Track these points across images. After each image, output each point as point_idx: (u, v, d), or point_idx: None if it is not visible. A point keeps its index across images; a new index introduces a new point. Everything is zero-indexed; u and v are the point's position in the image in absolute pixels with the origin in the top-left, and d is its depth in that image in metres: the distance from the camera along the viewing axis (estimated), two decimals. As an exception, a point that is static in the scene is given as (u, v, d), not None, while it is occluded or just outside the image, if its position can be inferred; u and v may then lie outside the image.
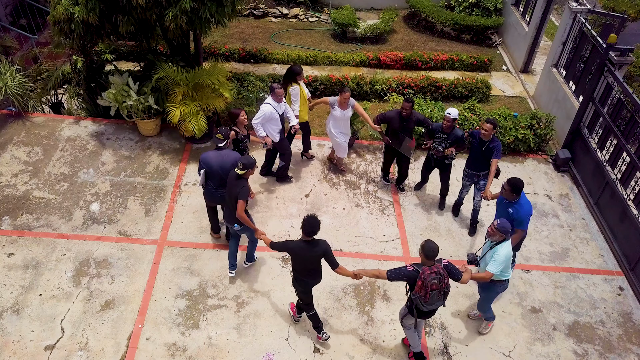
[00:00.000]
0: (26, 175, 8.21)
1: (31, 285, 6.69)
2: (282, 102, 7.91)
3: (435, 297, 5.43)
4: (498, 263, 5.79)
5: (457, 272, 5.63)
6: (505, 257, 5.80)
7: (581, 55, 9.54)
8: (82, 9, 7.48)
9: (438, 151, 7.69)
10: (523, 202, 6.37)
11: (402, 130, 7.91)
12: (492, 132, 7.12)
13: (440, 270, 5.38)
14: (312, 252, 5.70)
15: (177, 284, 6.88)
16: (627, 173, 7.87)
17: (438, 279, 5.34)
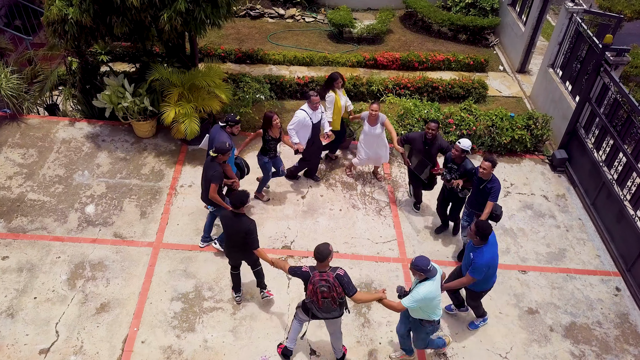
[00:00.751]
0: (21, 178, 8.17)
1: (26, 289, 6.65)
2: (318, 110, 7.87)
3: (328, 306, 5.36)
4: (413, 299, 5.35)
5: (351, 287, 5.33)
6: (423, 295, 5.30)
7: (577, 55, 9.54)
8: (76, 10, 7.44)
9: (445, 179, 7.18)
10: (485, 251, 5.76)
11: (425, 155, 7.49)
12: (491, 171, 6.59)
13: (331, 279, 5.22)
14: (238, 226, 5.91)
15: (173, 287, 6.85)
16: (624, 173, 7.87)
17: (327, 287, 5.22)
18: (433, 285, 5.34)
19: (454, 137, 9.30)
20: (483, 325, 6.78)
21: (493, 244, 5.87)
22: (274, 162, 7.89)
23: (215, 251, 7.32)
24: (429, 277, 5.34)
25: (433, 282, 5.35)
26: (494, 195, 6.68)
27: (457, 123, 9.36)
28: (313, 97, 7.74)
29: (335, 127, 8.41)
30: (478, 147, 9.57)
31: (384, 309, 6.76)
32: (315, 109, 7.84)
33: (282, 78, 10.61)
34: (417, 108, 9.32)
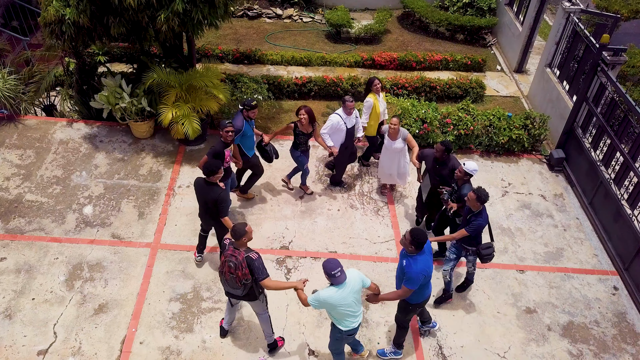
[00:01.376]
0: (18, 179, 8.16)
1: (24, 290, 6.64)
2: (352, 115, 7.80)
3: (233, 282, 5.41)
4: (314, 298, 5.24)
5: (260, 272, 5.36)
6: (323, 299, 5.16)
7: (575, 55, 9.56)
8: (73, 11, 7.43)
9: (443, 199, 6.87)
10: (419, 260, 5.46)
11: (435, 173, 7.13)
12: (478, 205, 6.10)
13: (240, 257, 5.30)
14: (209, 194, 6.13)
15: (171, 287, 6.85)
16: (621, 173, 7.89)
17: (234, 264, 5.30)
18: (337, 293, 5.13)
19: (452, 136, 9.32)
20: (393, 358, 6.33)
21: (428, 253, 5.57)
22: (306, 155, 8.01)
23: (213, 252, 7.32)
24: (334, 283, 5.14)
25: (338, 289, 5.13)
26: (473, 228, 6.19)
27: (454, 123, 9.37)
28: (348, 102, 7.65)
29: (370, 133, 8.33)
30: (476, 147, 9.59)
31: (382, 309, 6.80)
32: (350, 114, 7.75)
33: (280, 78, 10.61)
34: (414, 108, 9.32)
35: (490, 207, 8.48)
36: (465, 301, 7.08)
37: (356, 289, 5.30)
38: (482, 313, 6.97)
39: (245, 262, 5.33)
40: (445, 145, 6.90)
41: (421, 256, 5.49)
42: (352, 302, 5.27)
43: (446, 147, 6.90)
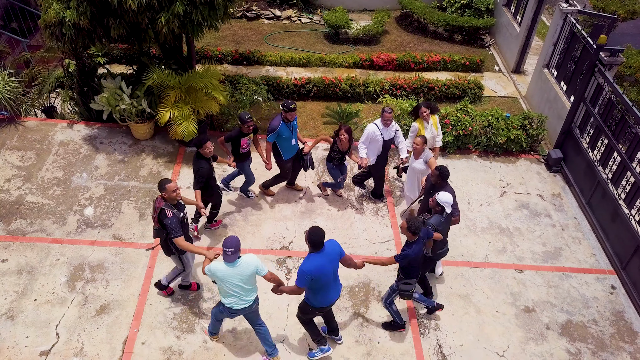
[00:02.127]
0: (19, 180, 8.18)
1: (25, 291, 6.68)
2: (390, 126, 7.67)
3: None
4: (207, 267, 5.55)
5: (171, 231, 5.81)
6: (212, 268, 5.48)
7: (572, 55, 9.62)
8: (74, 13, 7.46)
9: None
10: (311, 259, 5.47)
11: (428, 198, 6.76)
12: (410, 235, 5.87)
13: (156, 205, 5.87)
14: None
15: (173, 288, 6.88)
16: (618, 173, 7.95)
17: (152, 208, 5.99)
18: (225, 269, 5.42)
19: (451, 137, 9.38)
20: (322, 356, 6.26)
21: (324, 256, 5.48)
22: (340, 168, 8.04)
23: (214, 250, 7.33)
24: (224, 259, 5.41)
25: (227, 266, 5.41)
26: (399, 257, 5.99)
27: (453, 124, 9.42)
28: (386, 112, 7.52)
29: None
30: (474, 147, 9.64)
31: (382, 308, 6.84)
32: (387, 125, 7.62)
33: (279, 79, 10.66)
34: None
35: (489, 207, 8.57)
36: (464, 301, 7.13)
37: (245, 273, 5.47)
38: (481, 312, 7.02)
39: (157, 212, 5.84)
40: (440, 171, 6.55)
41: (314, 255, 5.47)
42: (238, 283, 5.49)
43: (441, 172, 6.54)
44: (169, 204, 5.91)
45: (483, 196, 8.79)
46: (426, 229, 6.08)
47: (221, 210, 7.82)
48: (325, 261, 5.49)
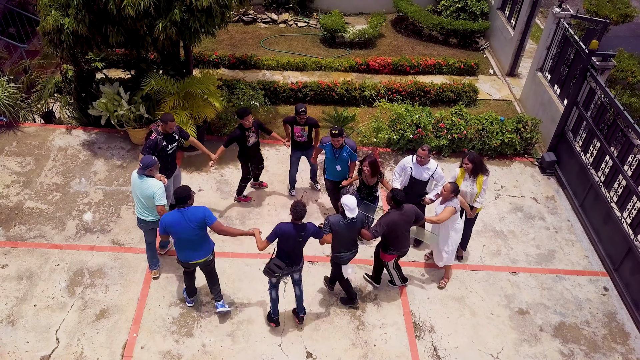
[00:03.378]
0: (18, 186, 8.25)
1: (25, 296, 6.75)
2: (424, 166, 7.08)
3: None
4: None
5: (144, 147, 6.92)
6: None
7: (565, 59, 9.74)
8: (72, 20, 7.54)
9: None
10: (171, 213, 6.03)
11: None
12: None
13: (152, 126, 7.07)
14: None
15: (171, 292, 6.97)
16: (610, 176, 8.07)
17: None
18: (134, 179, 6.53)
19: (445, 140, 9.49)
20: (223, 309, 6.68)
21: (183, 214, 5.91)
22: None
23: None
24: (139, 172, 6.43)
25: (136, 178, 6.47)
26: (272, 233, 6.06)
27: (448, 127, 9.53)
28: (420, 149, 7.02)
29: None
30: (469, 151, 9.75)
31: (378, 311, 6.94)
32: (420, 164, 7.06)
33: (276, 83, 10.75)
34: (408, 113, 9.48)
35: (483, 210, 8.67)
36: (459, 303, 7.23)
37: (145, 192, 6.40)
38: (475, 314, 7.12)
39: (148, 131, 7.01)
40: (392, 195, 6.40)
41: (175, 211, 6.01)
42: (139, 197, 6.48)
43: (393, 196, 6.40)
44: (159, 131, 6.97)
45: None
46: (313, 225, 6.12)
47: (220, 213, 7.90)
48: (182, 220, 5.93)
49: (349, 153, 7.43)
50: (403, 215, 6.45)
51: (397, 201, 6.38)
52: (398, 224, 6.45)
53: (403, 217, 6.45)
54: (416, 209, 6.59)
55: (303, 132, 7.92)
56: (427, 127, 9.42)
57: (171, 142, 7.19)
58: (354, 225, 6.33)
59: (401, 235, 6.58)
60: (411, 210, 6.52)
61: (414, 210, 6.54)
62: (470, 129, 9.53)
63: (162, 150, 7.09)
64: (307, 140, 8.05)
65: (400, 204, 6.41)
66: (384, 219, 6.44)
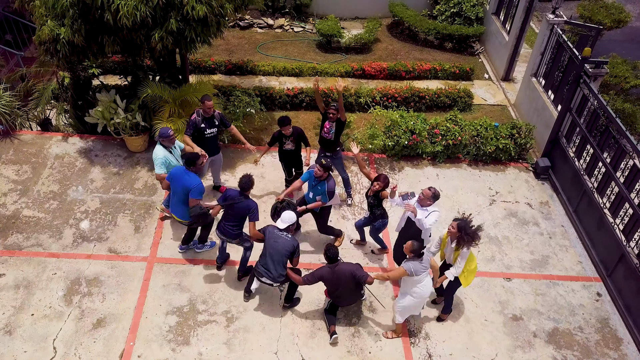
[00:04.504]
0: (15, 194, 8.29)
1: (23, 305, 6.79)
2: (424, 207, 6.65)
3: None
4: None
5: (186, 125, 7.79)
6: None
7: (559, 65, 9.81)
8: (68, 30, 7.56)
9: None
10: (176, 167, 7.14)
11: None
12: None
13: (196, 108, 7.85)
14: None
15: (168, 301, 7.02)
16: (603, 182, 8.14)
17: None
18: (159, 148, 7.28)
19: (440, 147, 9.55)
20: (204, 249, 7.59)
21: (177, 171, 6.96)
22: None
23: (209, 264, 7.50)
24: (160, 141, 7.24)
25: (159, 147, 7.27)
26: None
27: (443, 133, 9.60)
28: (427, 189, 6.71)
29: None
30: (464, 157, 9.82)
31: (373, 317, 7.00)
32: (422, 204, 6.66)
33: (272, 89, 10.80)
34: (403, 119, 9.54)
35: (478, 216, 8.73)
36: (454, 309, 7.28)
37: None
38: (470, 321, 7.19)
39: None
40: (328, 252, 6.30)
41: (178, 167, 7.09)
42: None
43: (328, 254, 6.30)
44: (200, 113, 7.60)
45: (472, 205, 8.95)
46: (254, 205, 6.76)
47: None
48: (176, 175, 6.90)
49: (323, 192, 7.17)
50: (335, 275, 6.23)
51: (329, 257, 6.21)
52: (328, 280, 6.30)
53: (335, 276, 6.23)
54: (353, 271, 6.28)
55: (331, 128, 7.98)
56: (422, 133, 9.49)
57: (210, 127, 7.81)
58: (283, 244, 6.38)
59: (339, 291, 6.42)
60: (346, 271, 6.24)
61: (350, 273, 6.25)
62: (464, 135, 9.60)
63: (200, 132, 7.76)
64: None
65: (333, 261, 6.21)
66: (317, 272, 6.36)
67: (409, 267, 6.14)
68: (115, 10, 7.21)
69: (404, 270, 6.17)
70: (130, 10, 7.16)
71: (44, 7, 7.73)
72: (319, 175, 7.05)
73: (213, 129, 7.85)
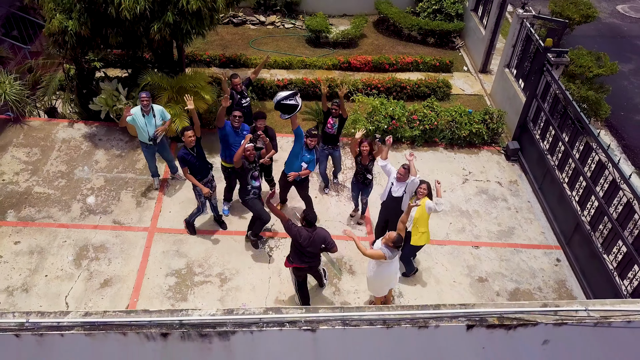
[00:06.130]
0: (27, 173, 9.05)
1: (37, 268, 7.56)
2: (404, 182, 7.41)
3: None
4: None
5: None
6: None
7: (528, 56, 10.63)
8: (75, 23, 8.34)
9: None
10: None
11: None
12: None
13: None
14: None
15: (167, 265, 7.79)
16: (562, 160, 8.95)
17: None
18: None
19: (418, 131, 10.35)
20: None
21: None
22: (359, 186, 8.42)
23: (204, 233, 8.27)
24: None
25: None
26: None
27: (420, 119, 10.40)
28: (402, 167, 7.38)
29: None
30: (440, 140, 10.62)
31: (352, 279, 7.77)
32: (400, 180, 7.41)
33: (263, 80, 11.58)
34: (383, 106, 10.34)
35: (451, 193, 9.53)
36: (426, 273, 8.07)
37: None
38: (440, 282, 7.98)
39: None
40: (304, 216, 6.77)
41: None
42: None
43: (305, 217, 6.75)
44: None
45: (447, 183, 9.74)
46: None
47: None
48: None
49: (312, 160, 7.95)
50: (311, 238, 6.58)
51: (308, 221, 6.63)
52: (304, 239, 6.58)
53: (311, 239, 6.58)
54: (326, 237, 6.69)
55: (335, 124, 8.70)
56: (401, 119, 10.28)
57: (244, 97, 9.00)
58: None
59: (306, 253, 6.74)
60: (321, 236, 6.66)
61: (323, 238, 6.67)
62: (440, 120, 10.40)
63: (237, 103, 8.83)
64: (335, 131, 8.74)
65: (311, 225, 6.63)
66: (298, 228, 6.69)
67: (387, 252, 6.58)
68: (118, 3, 7.99)
69: (382, 254, 6.57)
70: (131, 4, 7.93)
71: (53, 2, 8.49)
72: (312, 146, 7.92)
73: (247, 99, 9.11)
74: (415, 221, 7.26)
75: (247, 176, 7.49)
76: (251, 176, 7.50)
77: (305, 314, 4.25)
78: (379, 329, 4.28)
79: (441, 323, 4.33)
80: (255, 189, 7.59)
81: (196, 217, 8.20)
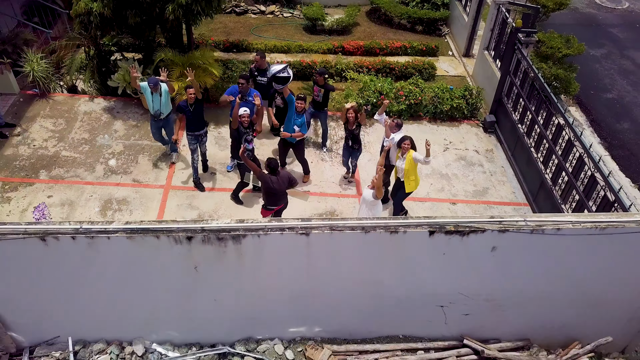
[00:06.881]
0: (54, 140, 10.17)
1: (68, 217, 8.67)
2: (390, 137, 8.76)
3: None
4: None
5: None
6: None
7: (503, 38, 11.76)
8: (99, 4, 9.47)
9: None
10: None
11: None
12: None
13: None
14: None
15: (181, 215, 8.91)
16: (530, 127, 10.09)
17: None
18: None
19: (404, 105, 11.48)
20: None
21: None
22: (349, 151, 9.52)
23: (213, 191, 9.40)
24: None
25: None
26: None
27: (406, 95, 11.53)
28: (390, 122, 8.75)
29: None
30: (424, 114, 11.76)
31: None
32: (387, 135, 8.74)
33: (264, 62, 12.69)
34: (373, 82, 11.47)
35: (433, 160, 10.59)
36: (407, 224, 9.20)
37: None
38: (420, 231, 9.10)
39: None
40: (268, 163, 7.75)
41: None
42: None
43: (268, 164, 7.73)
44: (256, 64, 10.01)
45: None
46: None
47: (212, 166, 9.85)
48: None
49: (303, 124, 9.08)
50: (278, 180, 7.67)
51: (271, 168, 7.61)
52: (274, 183, 7.64)
53: (279, 181, 7.68)
54: (289, 174, 7.90)
55: (319, 92, 9.87)
56: (388, 94, 11.41)
57: (262, 75, 10.03)
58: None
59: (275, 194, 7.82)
60: (285, 175, 7.80)
61: (287, 175, 7.84)
62: (424, 96, 11.53)
63: (255, 80, 9.88)
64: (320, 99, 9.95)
65: (274, 170, 7.63)
66: (265, 176, 7.67)
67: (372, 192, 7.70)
68: (137, -14, 9.13)
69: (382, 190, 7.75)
70: (149, -14, 9.07)
71: (79, -14, 9.62)
72: (301, 109, 9.00)
73: (264, 76, 9.98)
74: (406, 172, 8.50)
75: (241, 138, 8.62)
76: (244, 139, 8.58)
77: (301, 222, 5.38)
78: (358, 233, 5.40)
79: (408, 229, 5.45)
80: (249, 151, 8.65)
81: (196, 172, 9.35)
